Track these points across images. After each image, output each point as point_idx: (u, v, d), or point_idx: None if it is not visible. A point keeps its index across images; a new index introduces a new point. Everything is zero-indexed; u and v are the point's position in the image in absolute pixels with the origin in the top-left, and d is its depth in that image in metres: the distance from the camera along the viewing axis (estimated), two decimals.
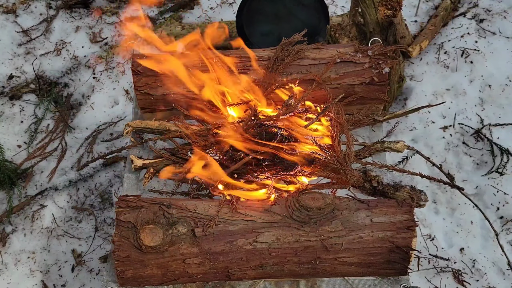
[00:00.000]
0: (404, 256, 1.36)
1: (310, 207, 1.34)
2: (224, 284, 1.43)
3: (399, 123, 2.15)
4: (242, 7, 2.21)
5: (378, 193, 1.45)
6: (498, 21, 2.53)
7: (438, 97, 2.29)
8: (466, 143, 2.17)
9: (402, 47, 2.03)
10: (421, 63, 2.42)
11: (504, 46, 2.43)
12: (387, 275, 1.41)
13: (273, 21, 2.24)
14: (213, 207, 1.38)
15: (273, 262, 1.37)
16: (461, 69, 2.37)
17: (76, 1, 2.86)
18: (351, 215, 1.36)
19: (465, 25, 2.53)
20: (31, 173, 2.29)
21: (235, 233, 1.35)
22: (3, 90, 2.56)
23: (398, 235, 1.35)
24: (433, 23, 2.48)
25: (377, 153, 1.52)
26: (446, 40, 2.48)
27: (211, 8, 2.85)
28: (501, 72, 2.34)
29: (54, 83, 2.60)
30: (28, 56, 2.70)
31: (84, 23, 2.85)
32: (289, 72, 1.62)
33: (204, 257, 1.35)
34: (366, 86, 1.61)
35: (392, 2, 1.88)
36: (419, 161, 2.09)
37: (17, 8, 2.86)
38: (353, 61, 1.60)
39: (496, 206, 2.02)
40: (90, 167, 2.31)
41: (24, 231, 2.14)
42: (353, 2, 2.13)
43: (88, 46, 2.75)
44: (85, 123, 2.48)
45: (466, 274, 1.90)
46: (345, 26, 2.04)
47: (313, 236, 1.34)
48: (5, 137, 2.40)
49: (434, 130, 2.21)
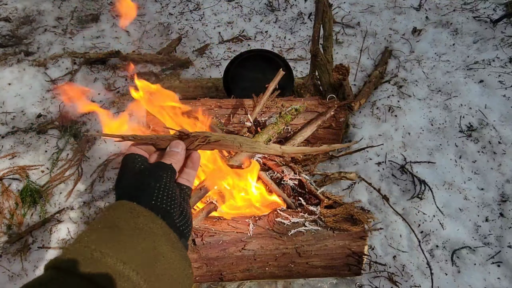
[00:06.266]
0: (359, 260, 1.35)
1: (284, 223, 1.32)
2: (217, 284, 1.37)
3: (346, 159, 2.18)
4: (227, 70, 2.24)
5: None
6: (412, 87, 2.64)
7: (373, 141, 2.33)
8: (394, 175, 2.20)
9: (351, 101, 2.08)
10: (361, 115, 2.47)
11: (418, 105, 2.53)
12: (345, 276, 1.40)
13: (251, 80, 2.27)
14: (209, 222, 1.33)
15: (258, 266, 1.32)
16: (388, 120, 2.43)
17: (96, 59, 2.81)
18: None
19: (390, 89, 2.62)
20: (51, 194, 2.14)
21: (227, 242, 1.30)
22: (32, 126, 2.43)
23: (354, 243, 1.34)
24: (368, 86, 2.56)
25: (335, 181, 1.53)
26: (377, 99, 2.56)
27: (202, 68, 2.86)
28: (417, 124, 2.42)
29: (74, 121, 2.49)
30: (54, 100, 2.59)
31: (101, 75, 2.78)
32: (270, 115, 1.63)
33: (202, 261, 1.29)
34: (326, 130, 1.64)
35: (343, 69, 1.94)
36: (361, 188, 2.11)
37: (47, 63, 2.77)
38: (317, 111, 1.63)
39: (418, 223, 2.04)
40: (101, 191, 2.19)
41: (43, 242, 1.97)
42: (311, 68, 2.18)
43: (103, 93, 2.68)
44: (99, 153, 2.37)
45: (398, 276, 1.89)
46: (308, 85, 2.09)
47: (289, 245, 1.31)
48: (31, 163, 2.25)
49: (371, 165, 2.23)
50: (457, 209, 2.05)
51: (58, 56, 2.82)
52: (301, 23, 3.24)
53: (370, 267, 1.88)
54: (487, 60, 2.69)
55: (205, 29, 3.20)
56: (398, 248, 1.96)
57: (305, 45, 3.03)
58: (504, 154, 2.21)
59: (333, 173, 1.50)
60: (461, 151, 2.26)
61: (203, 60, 2.93)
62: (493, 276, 1.84)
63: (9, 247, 1.94)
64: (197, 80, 2.56)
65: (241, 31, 3.16)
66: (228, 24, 3.25)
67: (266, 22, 3.26)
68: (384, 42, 3.00)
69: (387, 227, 2.03)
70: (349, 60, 2.87)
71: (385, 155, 2.27)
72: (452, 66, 2.73)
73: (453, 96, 2.53)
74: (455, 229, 1.99)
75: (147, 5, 3.45)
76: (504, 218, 2.00)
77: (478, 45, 2.84)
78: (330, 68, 2.03)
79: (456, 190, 2.11)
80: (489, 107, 2.43)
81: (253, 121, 1.59)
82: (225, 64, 2.51)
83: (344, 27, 3.14)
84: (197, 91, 2.50)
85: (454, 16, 3.08)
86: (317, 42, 1.99)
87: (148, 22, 3.26)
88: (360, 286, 1.43)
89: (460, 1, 3.24)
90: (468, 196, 2.09)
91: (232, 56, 2.69)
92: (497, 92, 2.50)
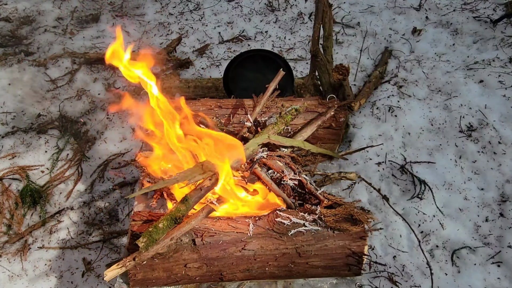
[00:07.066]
0: (359, 260, 1.35)
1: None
2: (217, 285, 1.37)
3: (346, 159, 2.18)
4: (227, 70, 2.23)
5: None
6: (412, 88, 2.63)
7: (373, 141, 2.33)
8: (394, 175, 2.19)
9: (351, 101, 2.08)
10: (361, 115, 2.47)
11: (417, 105, 2.52)
12: (345, 276, 1.39)
13: (251, 80, 2.26)
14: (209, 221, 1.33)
15: (257, 266, 1.32)
16: (388, 120, 2.43)
17: (95, 59, 2.81)
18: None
19: (390, 89, 2.62)
20: (51, 194, 2.14)
21: (227, 242, 1.30)
22: (32, 126, 2.43)
23: (354, 243, 1.34)
24: (368, 86, 2.56)
25: (335, 181, 1.53)
26: (377, 99, 2.56)
27: (202, 68, 2.86)
28: (417, 124, 2.41)
29: (74, 121, 2.49)
30: (54, 99, 2.60)
31: (101, 75, 2.78)
32: (270, 115, 1.63)
33: (202, 262, 1.29)
34: (326, 130, 1.63)
35: (343, 69, 1.94)
36: (361, 188, 2.11)
37: (47, 63, 2.77)
38: (317, 111, 1.63)
39: (418, 223, 2.04)
40: (101, 191, 2.19)
41: (43, 243, 1.97)
42: (311, 68, 2.17)
43: (103, 93, 2.68)
44: (99, 153, 2.37)
45: (398, 276, 1.89)
46: (308, 85, 2.09)
47: (289, 245, 1.31)
48: (31, 164, 2.25)
49: (371, 165, 2.22)
50: (457, 209, 2.05)
51: (58, 56, 2.82)
52: (301, 23, 3.24)
53: (370, 267, 1.87)
54: (487, 60, 2.69)
55: (205, 29, 3.20)
56: (398, 248, 1.95)
57: (305, 45, 3.03)
58: (504, 154, 2.21)
59: (333, 173, 1.50)
60: (461, 151, 2.26)
61: (203, 60, 2.93)
62: (493, 276, 1.84)
63: (9, 247, 1.94)
64: (197, 80, 2.56)
65: (241, 31, 3.16)
66: (228, 24, 3.25)
67: (266, 22, 3.26)
68: (384, 42, 3.00)
69: (387, 227, 2.03)
70: (349, 60, 2.87)
71: (385, 155, 2.27)
72: (452, 66, 2.73)
73: (453, 96, 2.53)
74: (455, 229, 1.99)
75: (147, 5, 3.45)
76: (504, 218, 2.00)
77: (478, 45, 2.84)
78: (330, 68, 2.03)
79: (456, 190, 2.11)
80: (489, 107, 2.42)
81: (253, 121, 1.59)
82: (225, 64, 2.50)
83: (344, 27, 3.14)
84: (197, 91, 2.50)
85: (454, 16, 3.08)
86: (317, 42, 1.99)
87: (148, 22, 3.26)
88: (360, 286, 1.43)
89: (460, 1, 3.24)
90: (468, 196, 2.09)
91: (232, 56, 2.69)
92: (497, 92, 2.49)
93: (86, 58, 2.80)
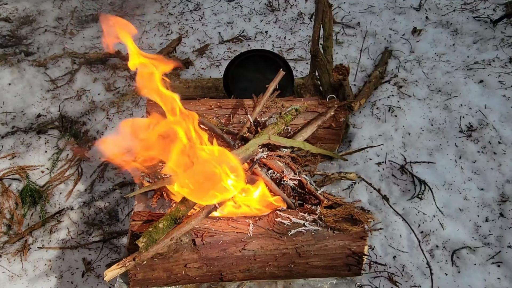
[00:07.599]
0: (359, 260, 1.35)
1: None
2: (217, 285, 1.36)
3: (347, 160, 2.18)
4: (227, 70, 2.23)
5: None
6: (412, 88, 2.63)
7: (373, 141, 2.34)
8: (394, 175, 2.20)
9: (351, 101, 2.08)
10: (360, 115, 2.47)
11: (417, 105, 2.52)
12: (345, 276, 1.39)
13: (251, 80, 2.26)
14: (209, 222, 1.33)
15: (258, 266, 1.32)
16: (388, 120, 2.43)
17: (96, 59, 2.81)
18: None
19: (390, 89, 2.62)
20: (51, 194, 2.14)
21: (227, 242, 1.30)
22: (32, 126, 2.43)
23: (354, 243, 1.34)
24: (368, 86, 2.56)
25: (335, 181, 1.53)
26: (377, 99, 2.56)
27: (202, 68, 2.86)
28: (417, 124, 2.41)
29: (74, 121, 2.49)
30: (54, 100, 2.60)
31: (101, 75, 2.78)
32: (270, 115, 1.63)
33: (202, 262, 1.29)
34: (326, 130, 1.63)
35: (343, 69, 1.94)
36: (361, 188, 2.11)
37: (47, 63, 2.77)
38: (317, 111, 1.63)
39: (418, 223, 2.04)
40: (101, 191, 2.19)
41: (43, 243, 1.97)
42: (311, 68, 2.17)
43: (103, 93, 2.68)
44: (99, 153, 2.37)
45: (398, 276, 1.89)
46: (308, 85, 2.09)
47: (289, 245, 1.31)
48: (31, 164, 2.25)
49: (371, 165, 2.23)
50: (457, 209, 2.05)
51: (58, 56, 2.82)
52: (301, 23, 3.24)
53: (370, 267, 1.87)
54: (487, 60, 2.69)
55: (205, 29, 3.20)
56: (398, 248, 1.95)
57: (305, 45, 3.03)
58: (504, 154, 2.21)
59: (333, 173, 1.50)
60: (461, 151, 2.26)
61: (203, 60, 2.93)
62: (493, 276, 1.84)
63: (9, 247, 1.94)
64: (197, 80, 2.56)
65: (241, 31, 3.16)
66: (228, 24, 3.25)
67: (266, 22, 3.26)
68: (384, 42, 3.00)
69: (387, 227, 2.03)
70: (349, 60, 2.87)
71: (385, 155, 2.27)
72: (452, 66, 2.73)
73: (453, 96, 2.53)
74: (455, 229, 1.99)
75: (147, 5, 3.45)
76: (504, 218, 2.00)
77: (478, 45, 2.84)
78: (330, 68, 2.03)
79: (456, 190, 2.11)
80: (489, 107, 2.42)
81: (253, 121, 1.59)
82: (225, 64, 2.50)
83: (344, 27, 3.14)
84: (197, 91, 2.49)
85: (454, 16, 3.08)
86: (317, 42, 1.99)
87: (148, 22, 3.26)
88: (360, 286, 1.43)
89: (460, 1, 3.24)
90: (468, 196, 2.09)
91: (232, 56, 2.69)
92: (497, 92, 2.49)
93: (86, 58, 2.80)
